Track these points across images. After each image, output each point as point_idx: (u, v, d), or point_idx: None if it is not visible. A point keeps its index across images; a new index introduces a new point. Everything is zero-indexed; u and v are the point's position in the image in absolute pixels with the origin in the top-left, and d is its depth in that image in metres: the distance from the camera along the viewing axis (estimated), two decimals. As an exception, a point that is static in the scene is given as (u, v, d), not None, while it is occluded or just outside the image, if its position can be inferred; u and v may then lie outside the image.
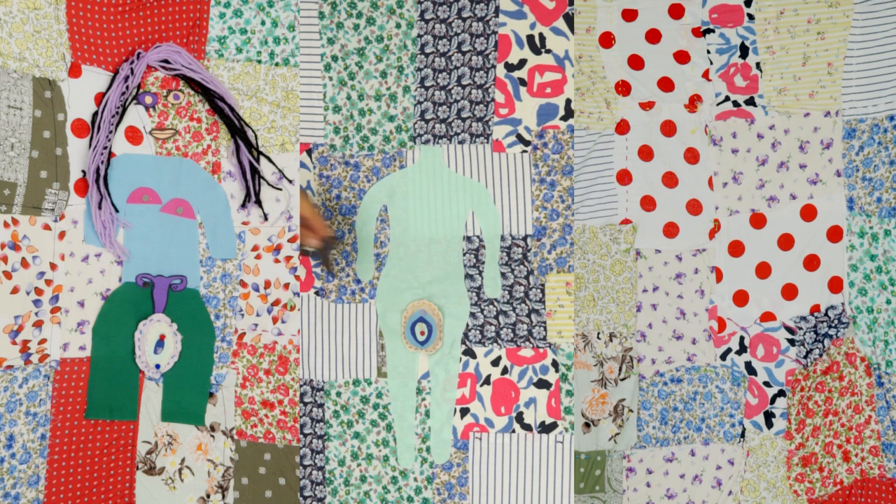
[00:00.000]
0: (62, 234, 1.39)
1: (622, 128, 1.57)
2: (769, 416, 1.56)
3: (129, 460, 1.48)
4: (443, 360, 1.51)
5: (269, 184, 1.50)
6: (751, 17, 1.54)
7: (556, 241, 1.49)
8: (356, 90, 1.52)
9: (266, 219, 1.52)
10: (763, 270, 1.55)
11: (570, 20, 1.49)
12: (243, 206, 1.50)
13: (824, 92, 1.52)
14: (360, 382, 1.54)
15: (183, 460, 1.51)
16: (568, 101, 1.49)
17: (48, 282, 1.38)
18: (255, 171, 1.49)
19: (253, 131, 1.49)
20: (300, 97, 1.51)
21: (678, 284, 1.57)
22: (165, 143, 1.47)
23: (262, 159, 1.50)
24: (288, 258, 1.51)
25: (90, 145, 1.40)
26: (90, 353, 1.43)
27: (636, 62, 1.57)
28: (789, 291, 1.54)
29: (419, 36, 1.51)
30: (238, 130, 1.48)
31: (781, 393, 1.56)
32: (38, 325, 1.37)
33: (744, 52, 1.54)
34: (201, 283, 1.50)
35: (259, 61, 1.50)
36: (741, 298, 1.56)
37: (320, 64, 1.52)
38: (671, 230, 1.57)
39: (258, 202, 1.50)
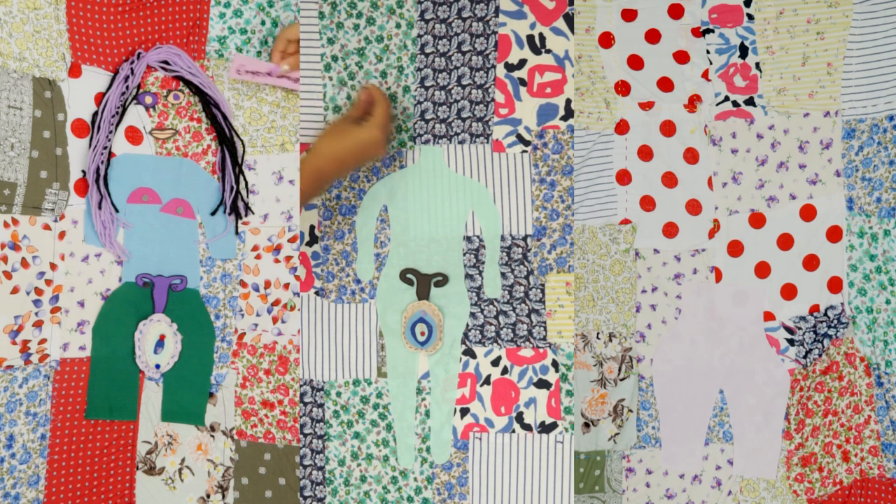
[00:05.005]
0: (62, 234, 1.39)
1: (622, 128, 1.57)
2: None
3: (129, 460, 1.48)
4: (443, 361, 1.51)
5: (243, 200, 1.49)
6: (750, 17, 1.54)
7: (556, 241, 1.49)
8: (356, 90, 1.52)
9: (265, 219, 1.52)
10: (762, 270, 1.55)
11: (570, 20, 1.49)
12: (213, 213, 1.49)
13: (824, 92, 1.52)
14: (360, 382, 1.54)
15: (183, 460, 1.51)
16: (568, 101, 1.49)
17: (48, 282, 1.38)
18: (234, 187, 1.48)
19: (243, 144, 1.49)
20: (300, 97, 1.51)
21: (677, 285, 1.57)
22: (165, 143, 1.47)
23: (253, 173, 1.50)
24: (288, 258, 1.51)
25: (90, 145, 1.40)
26: (90, 353, 1.43)
27: (636, 62, 1.57)
28: (788, 291, 1.54)
29: (419, 36, 1.51)
30: (227, 140, 1.48)
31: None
32: (38, 325, 1.37)
33: (743, 52, 1.54)
34: (201, 283, 1.50)
35: (259, 61, 1.50)
36: (741, 298, 1.57)
37: (320, 64, 1.52)
38: (670, 230, 1.57)
39: (234, 212, 1.49)
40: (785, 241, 1.54)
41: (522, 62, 1.50)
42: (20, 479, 1.36)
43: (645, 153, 1.57)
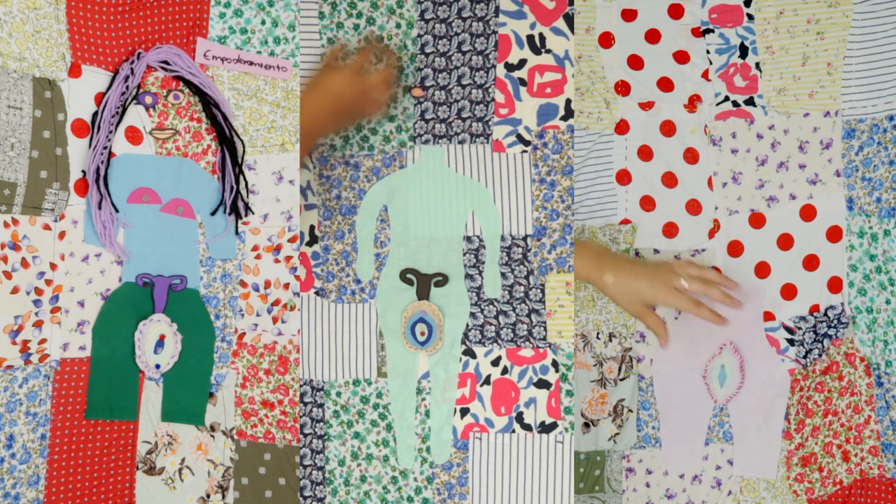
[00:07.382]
0: (62, 234, 1.39)
1: (621, 128, 1.57)
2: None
3: (129, 460, 1.48)
4: (443, 361, 1.51)
5: (243, 200, 1.49)
6: (750, 17, 1.54)
7: (556, 241, 1.49)
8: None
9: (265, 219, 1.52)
10: (762, 270, 1.55)
11: (570, 20, 1.49)
12: (213, 213, 1.49)
13: (824, 92, 1.52)
14: (360, 382, 1.54)
15: (183, 460, 1.51)
16: (568, 101, 1.49)
17: (48, 282, 1.38)
18: (234, 187, 1.48)
19: (243, 144, 1.49)
20: (300, 97, 1.51)
21: (677, 284, 1.57)
22: (165, 143, 1.47)
23: (253, 173, 1.50)
24: (288, 258, 1.51)
25: (90, 145, 1.40)
26: (90, 353, 1.43)
27: (636, 62, 1.57)
28: (788, 291, 1.54)
29: (419, 36, 1.51)
30: (227, 140, 1.48)
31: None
32: (38, 325, 1.37)
33: (743, 52, 1.54)
34: (201, 283, 1.50)
35: (259, 61, 1.50)
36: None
37: (320, 64, 1.52)
38: (670, 230, 1.57)
39: (234, 212, 1.49)
40: (785, 241, 1.54)
41: (522, 62, 1.50)
42: (20, 479, 1.36)
43: (645, 153, 1.57)
